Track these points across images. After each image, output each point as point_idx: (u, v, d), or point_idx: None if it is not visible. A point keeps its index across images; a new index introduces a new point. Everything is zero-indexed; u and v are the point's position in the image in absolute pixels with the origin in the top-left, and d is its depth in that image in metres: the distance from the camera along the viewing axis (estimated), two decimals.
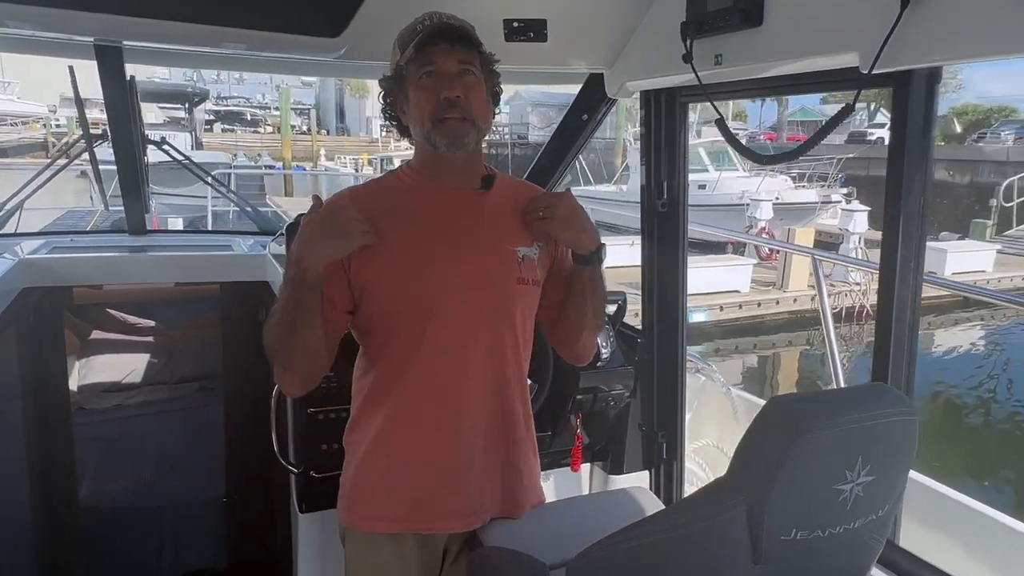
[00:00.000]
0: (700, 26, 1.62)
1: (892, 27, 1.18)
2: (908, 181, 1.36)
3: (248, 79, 49.89)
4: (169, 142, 2.76)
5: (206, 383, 3.00)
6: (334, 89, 49.80)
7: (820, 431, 0.91)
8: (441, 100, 1.30)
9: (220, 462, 2.81)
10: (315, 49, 1.98)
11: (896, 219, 1.39)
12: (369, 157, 29.15)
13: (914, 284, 1.42)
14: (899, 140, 1.36)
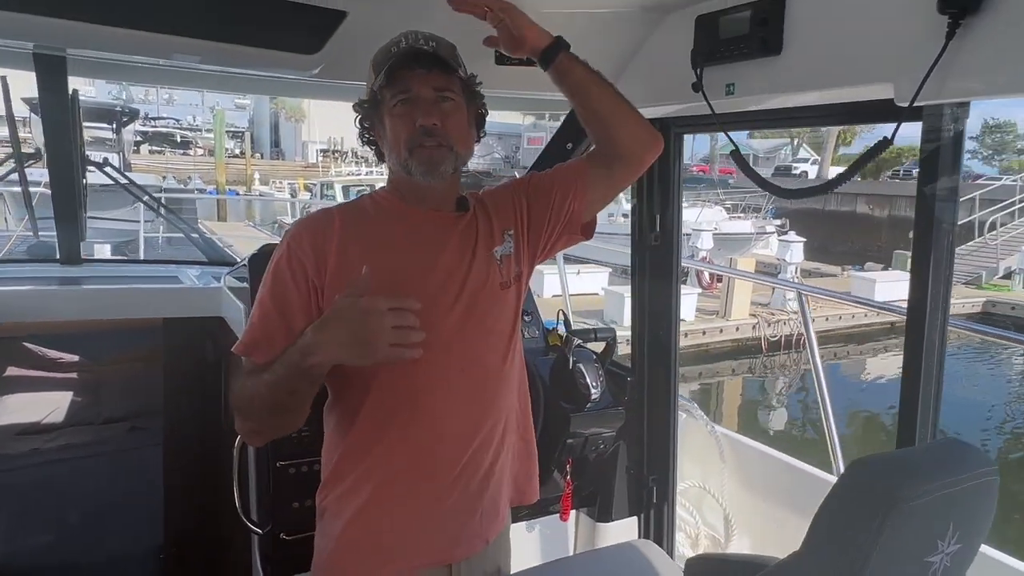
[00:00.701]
0: (711, 54, 1.55)
1: (936, 59, 1.13)
2: (939, 218, 1.31)
3: (178, 99, 48.46)
4: (112, 163, 2.52)
5: (136, 423, 2.72)
6: (269, 112, 48.93)
7: (916, 499, 0.82)
8: (417, 127, 1.25)
9: (157, 511, 2.55)
10: (290, 66, 1.82)
11: (927, 258, 1.33)
12: (306, 182, 28.58)
13: (942, 323, 1.36)
14: (930, 176, 1.31)
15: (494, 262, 1.34)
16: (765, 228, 16.01)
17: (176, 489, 2.51)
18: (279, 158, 47.05)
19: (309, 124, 45.36)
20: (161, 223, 10.95)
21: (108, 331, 2.64)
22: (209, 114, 45.21)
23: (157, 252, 10.72)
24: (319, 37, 1.73)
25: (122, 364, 2.78)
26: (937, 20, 1.12)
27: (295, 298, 1.24)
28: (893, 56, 1.22)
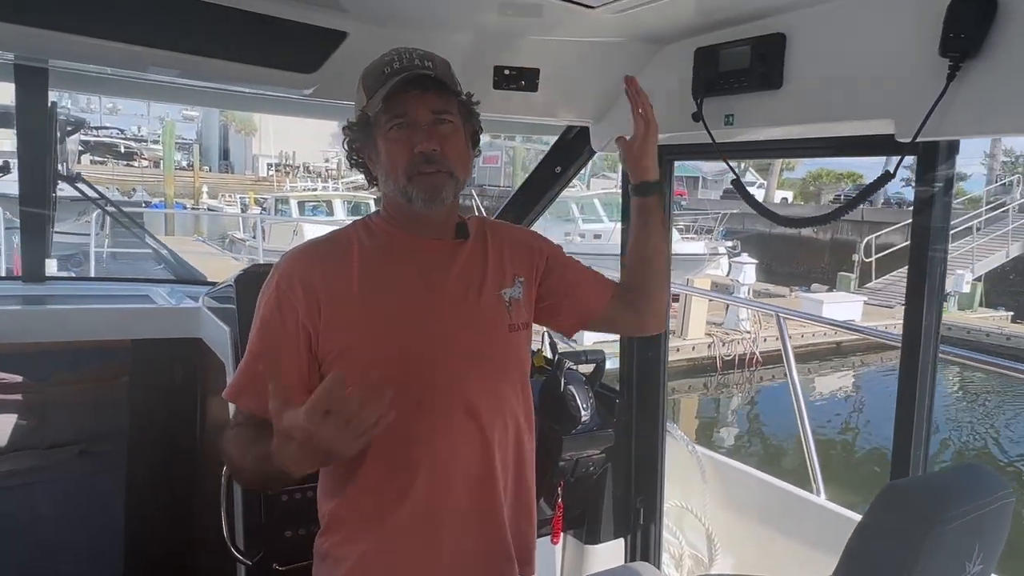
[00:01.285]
0: (711, 86, 1.60)
1: (938, 98, 1.19)
2: (933, 248, 1.37)
3: (123, 109, 47.07)
4: (84, 178, 2.43)
5: (87, 447, 2.58)
6: (218, 125, 47.94)
7: (949, 523, 0.85)
8: (416, 154, 1.17)
9: (115, 541, 2.42)
10: (285, 84, 1.80)
11: (922, 288, 1.39)
12: (256, 196, 28.01)
13: (934, 351, 1.42)
14: (925, 208, 1.37)
15: (503, 302, 1.28)
16: (717, 249, 16.41)
17: (139, 517, 2.39)
18: (228, 171, 46.02)
19: (260, 137, 44.58)
20: (106, 238, 10.55)
21: (59, 351, 2.52)
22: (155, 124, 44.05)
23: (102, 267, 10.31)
24: (317, 57, 1.72)
25: (71, 386, 2.64)
26: (938, 61, 1.18)
27: (285, 344, 1.17)
28: (894, 94, 1.28)
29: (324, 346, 1.17)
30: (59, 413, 2.54)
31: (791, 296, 14.97)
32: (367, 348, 1.17)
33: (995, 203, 20.71)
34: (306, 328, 1.17)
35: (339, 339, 1.17)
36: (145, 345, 2.33)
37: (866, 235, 18.41)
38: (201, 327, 2.19)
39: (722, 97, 1.59)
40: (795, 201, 32.92)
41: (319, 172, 42.10)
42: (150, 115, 47.09)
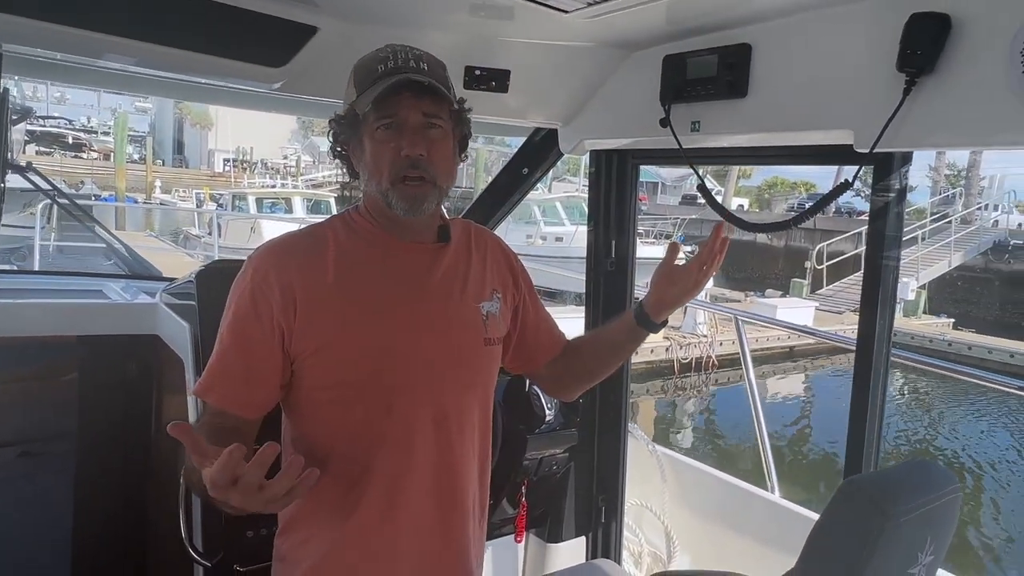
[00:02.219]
0: (678, 93, 1.63)
1: (894, 111, 1.24)
2: (888, 255, 1.43)
3: (71, 99, 45.52)
4: (35, 168, 2.34)
5: (29, 448, 2.48)
6: (172, 117, 46.74)
7: (904, 516, 0.89)
8: (402, 157, 1.14)
9: (62, 544, 2.33)
10: (251, 78, 1.77)
11: (875, 293, 1.45)
12: (213, 192, 27.38)
13: (886, 355, 1.48)
14: (880, 215, 1.43)
15: (480, 315, 1.26)
16: None
17: (89, 522, 2.30)
18: (183, 166, 44.91)
19: (216, 132, 43.62)
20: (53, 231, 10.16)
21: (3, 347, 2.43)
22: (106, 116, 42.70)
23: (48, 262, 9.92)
24: (286, 51, 1.69)
25: (13, 383, 2.54)
26: (896, 76, 1.24)
27: (258, 340, 1.15)
28: (854, 105, 1.34)
29: (297, 345, 1.15)
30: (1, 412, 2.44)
31: (746, 300, 15.30)
32: (340, 349, 1.15)
33: (939, 214, 21.56)
34: (280, 326, 1.14)
35: (313, 338, 1.15)
36: (96, 342, 2.25)
37: (818, 243, 18.96)
38: (158, 324, 2.14)
39: (689, 104, 1.62)
40: (751, 208, 33.69)
41: (278, 169, 41.35)
42: (100, 106, 45.64)
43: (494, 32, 1.78)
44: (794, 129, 1.46)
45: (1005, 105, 1.14)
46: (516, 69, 1.83)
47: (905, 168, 1.42)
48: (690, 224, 20.49)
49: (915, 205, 24.71)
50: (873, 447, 1.50)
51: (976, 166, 25.79)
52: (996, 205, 24.75)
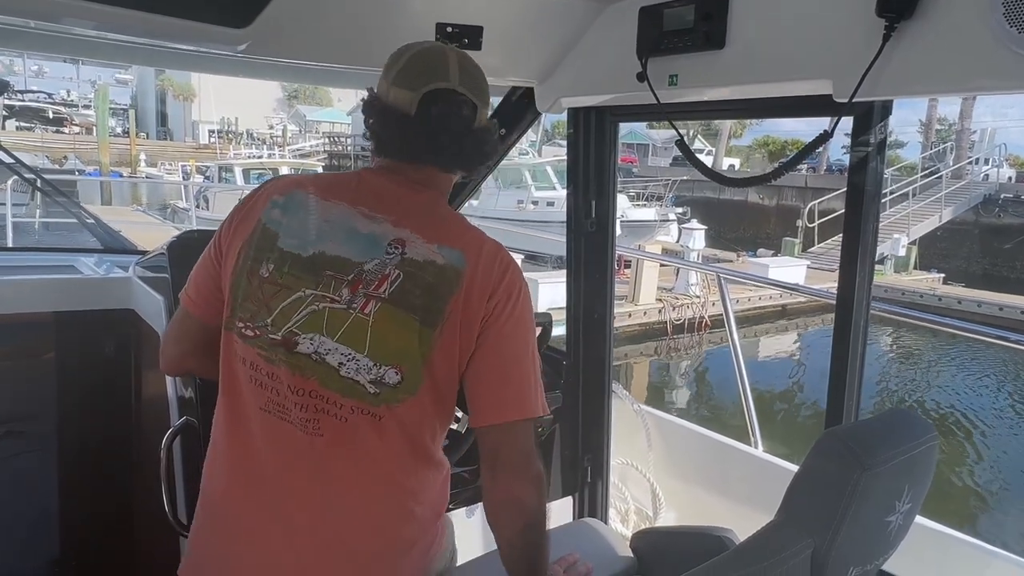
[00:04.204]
0: (655, 46, 1.59)
1: (874, 58, 1.21)
2: (867, 208, 1.41)
3: (49, 72, 44.57)
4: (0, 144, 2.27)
5: (11, 427, 2.47)
6: (154, 89, 45.91)
7: (881, 466, 0.89)
8: None
9: (49, 522, 2.33)
10: (215, 40, 1.70)
11: (855, 245, 1.43)
12: (199, 164, 27.05)
13: (866, 308, 1.47)
14: (860, 168, 1.40)
15: None
16: (668, 216, 16.64)
17: (74, 496, 2.29)
18: (167, 138, 44.26)
19: (200, 103, 42.91)
20: (37, 207, 10.03)
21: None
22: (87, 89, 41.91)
23: (34, 239, 9.82)
24: (249, 11, 1.63)
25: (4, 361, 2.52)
26: (875, 22, 1.20)
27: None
28: (832, 54, 1.30)
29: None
30: None
31: (739, 260, 15.33)
32: None
33: (930, 169, 21.53)
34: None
35: None
36: (71, 317, 2.21)
37: (809, 201, 18.94)
38: (133, 298, 2.10)
39: (666, 57, 1.58)
40: (742, 167, 33.51)
41: (264, 139, 40.82)
42: (80, 79, 44.70)
43: None
44: (773, 80, 1.42)
45: (986, 49, 1.10)
46: (489, 25, 1.77)
47: (885, 119, 1.39)
48: (681, 186, 20.42)
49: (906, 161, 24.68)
50: (854, 400, 1.50)
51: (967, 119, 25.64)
52: (987, 159, 24.70)
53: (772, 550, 0.90)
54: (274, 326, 1.09)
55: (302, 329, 1.08)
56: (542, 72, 1.94)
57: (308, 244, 1.11)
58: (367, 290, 1.08)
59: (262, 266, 1.11)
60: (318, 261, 1.10)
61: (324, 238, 1.11)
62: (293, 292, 1.09)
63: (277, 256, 1.11)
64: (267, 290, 1.10)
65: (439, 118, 1.14)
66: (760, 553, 0.89)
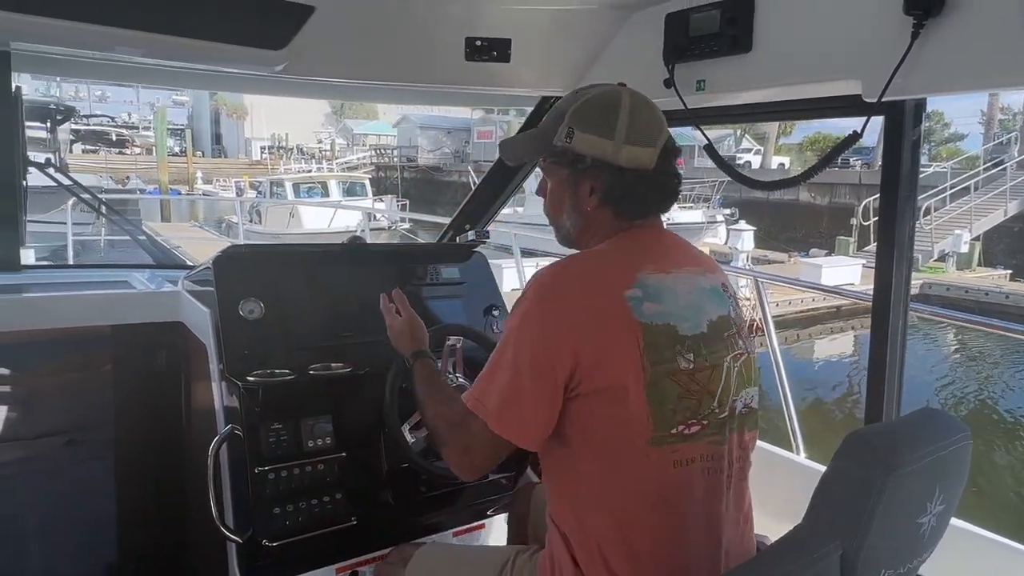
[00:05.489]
0: (682, 52, 1.59)
1: (902, 57, 1.19)
2: (902, 208, 1.38)
3: (112, 96, 46.64)
4: (55, 164, 2.41)
5: (74, 436, 2.59)
6: (209, 109, 47.58)
7: (908, 466, 0.88)
8: None
9: (107, 528, 2.43)
10: (254, 62, 1.79)
11: (891, 245, 1.40)
12: (252, 180, 27.89)
13: (904, 307, 1.43)
14: (893, 168, 1.37)
15: None
16: (715, 217, 16.38)
17: (131, 504, 2.39)
18: (221, 156, 45.79)
19: (252, 120, 44.29)
20: (103, 226, 10.52)
21: (46, 340, 2.54)
22: (146, 111, 43.70)
23: (99, 256, 10.28)
24: (285, 32, 1.70)
25: (57, 375, 2.64)
26: (903, 20, 1.18)
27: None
28: (860, 54, 1.28)
29: None
30: (46, 403, 2.54)
31: (790, 261, 14.98)
32: None
33: (994, 161, 20.60)
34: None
35: None
36: (125, 331, 2.31)
37: (864, 198, 18.34)
38: (181, 311, 2.19)
39: (693, 63, 1.58)
40: (792, 166, 32.73)
41: (313, 153, 41.85)
42: (140, 101, 46.65)
43: (494, 0, 1.75)
44: (800, 82, 1.41)
45: (1018, 43, 1.07)
46: (518, 37, 1.81)
47: (919, 116, 1.36)
48: (729, 186, 20.06)
49: (967, 153, 23.66)
50: (893, 402, 1.46)
51: None
52: None
53: (799, 553, 0.89)
54: (720, 405, 1.13)
55: (736, 391, 1.16)
56: (571, 81, 1.96)
57: (699, 319, 1.13)
58: (743, 332, 1.21)
59: (679, 361, 1.09)
60: (715, 328, 1.14)
61: (700, 307, 1.15)
62: (721, 366, 1.14)
63: (689, 343, 1.11)
64: (701, 378, 1.11)
65: (674, 165, 1.21)
66: (787, 556, 0.89)
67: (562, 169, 1.22)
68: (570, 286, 1.13)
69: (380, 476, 1.80)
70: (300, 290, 1.98)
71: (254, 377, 1.69)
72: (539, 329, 1.09)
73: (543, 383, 1.08)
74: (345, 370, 1.81)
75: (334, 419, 1.76)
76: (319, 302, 1.99)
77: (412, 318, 1.57)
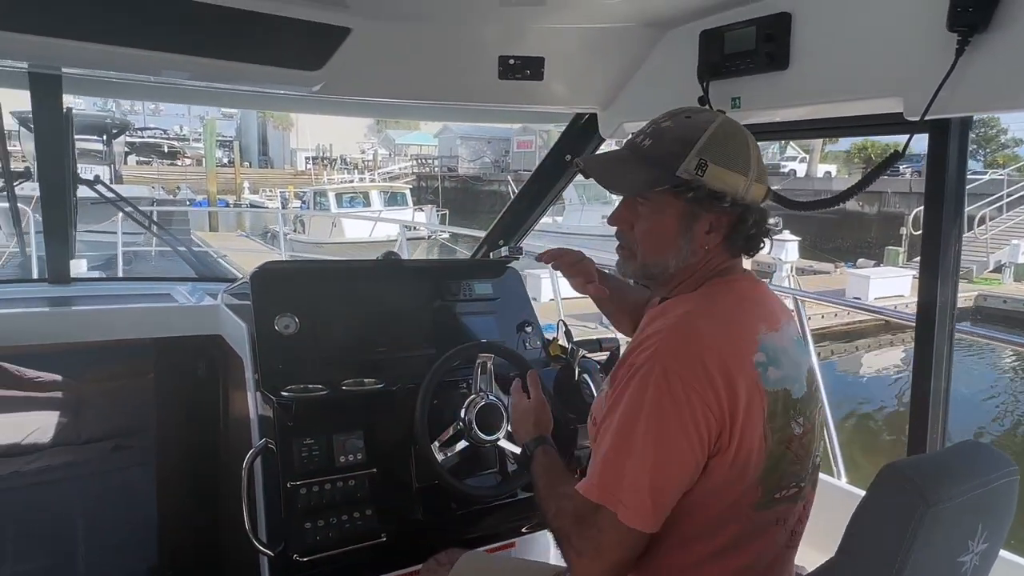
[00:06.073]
0: (716, 69, 1.56)
1: (946, 74, 1.15)
2: (947, 226, 1.33)
3: (164, 110, 48.29)
4: (103, 180, 2.50)
5: (119, 442, 2.67)
6: (256, 121, 48.85)
7: (948, 502, 0.84)
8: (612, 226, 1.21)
9: (149, 533, 2.50)
10: (291, 83, 1.82)
11: (935, 266, 1.35)
12: (296, 190, 28.50)
13: (950, 327, 1.38)
14: (937, 186, 1.33)
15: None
16: None
17: (170, 511, 2.45)
18: (268, 166, 46.91)
19: (297, 132, 45.31)
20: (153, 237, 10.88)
21: (94, 349, 2.62)
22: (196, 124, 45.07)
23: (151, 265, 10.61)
24: (322, 54, 1.73)
25: (105, 383, 2.73)
26: (946, 36, 1.14)
27: None
28: (902, 71, 1.24)
29: None
30: (92, 410, 2.63)
31: (836, 272, 14.59)
32: None
33: None
34: None
35: None
36: (167, 343, 2.38)
37: (914, 207, 17.77)
38: (220, 324, 2.24)
39: (728, 80, 1.56)
40: (839, 175, 31.95)
41: (356, 164, 42.57)
42: (190, 114, 48.16)
43: (526, 19, 1.76)
44: (839, 100, 1.37)
45: None
46: (551, 56, 1.81)
47: (964, 134, 1.31)
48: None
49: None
50: (939, 431, 1.40)
51: None
52: None
53: None
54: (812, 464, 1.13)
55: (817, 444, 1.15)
56: (605, 98, 1.95)
57: (801, 377, 1.10)
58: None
59: (793, 427, 1.06)
60: (810, 383, 1.12)
61: (799, 363, 1.11)
62: (816, 423, 1.13)
63: (799, 407, 1.08)
64: (806, 441, 1.09)
65: None
66: None
67: (677, 201, 1.09)
68: (705, 358, 1.00)
69: (410, 492, 1.80)
70: (334, 305, 2.00)
71: (288, 392, 1.71)
72: (673, 408, 0.98)
73: (683, 468, 0.99)
74: (377, 386, 1.82)
75: (365, 435, 1.77)
76: (353, 317, 2.02)
77: (540, 402, 1.49)
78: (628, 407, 1.01)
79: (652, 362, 1.01)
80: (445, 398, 1.88)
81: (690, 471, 1.00)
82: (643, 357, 1.03)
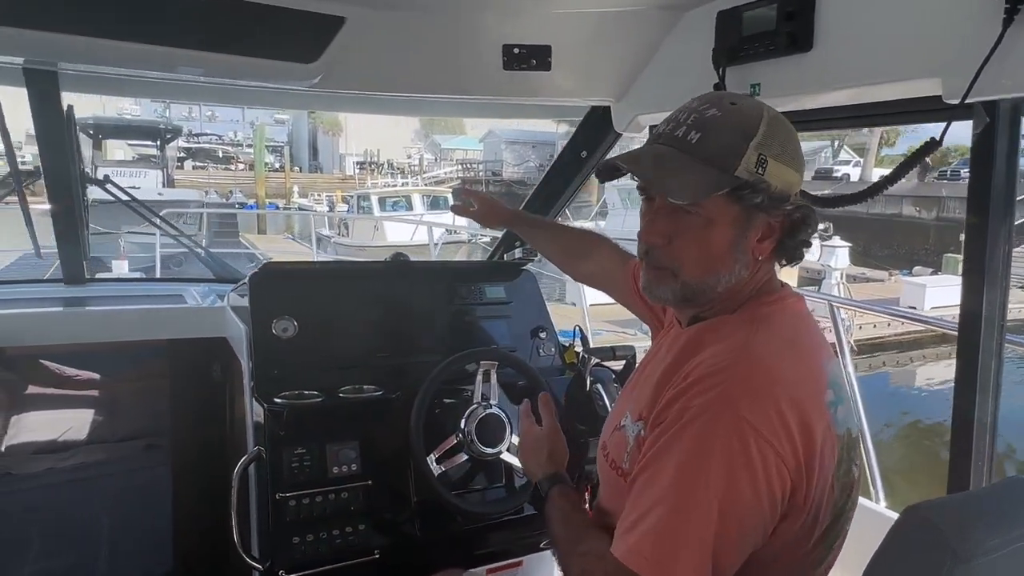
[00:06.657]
0: (734, 53, 1.43)
1: (990, 52, 0.99)
2: (995, 225, 1.16)
3: (220, 116, 49.80)
4: (113, 180, 2.48)
5: (152, 440, 2.67)
6: (307, 127, 49.96)
7: (984, 556, 0.69)
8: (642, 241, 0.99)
9: (166, 534, 2.48)
10: (289, 76, 1.76)
11: (980, 274, 1.19)
12: (343, 194, 29.01)
13: (998, 341, 1.21)
14: (983, 179, 1.17)
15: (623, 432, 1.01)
16: None
17: (185, 512, 2.44)
18: (317, 171, 47.89)
19: (346, 137, 46.18)
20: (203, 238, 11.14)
21: (106, 352, 2.63)
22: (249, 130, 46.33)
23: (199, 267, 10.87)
24: (317, 45, 1.67)
25: (134, 382, 2.75)
26: (991, 10, 1.00)
27: None
28: (941, 49, 1.09)
29: None
30: (126, 409, 2.65)
31: (890, 280, 14.01)
32: None
33: None
34: None
35: None
36: (179, 344, 2.37)
37: None
38: (225, 326, 2.20)
39: (747, 65, 1.42)
40: None
41: (402, 168, 43.11)
42: (244, 120, 49.53)
43: (530, 5, 1.65)
44: (869, 83, 1.22)
45: None
46: (557, 44, 1.70)
47: (1016, 119, 1.14)
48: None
49: None
50: (984, 462, 1.23)
51: None
52: None
53: None
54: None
55: None
56: (618, 89, 1.82)
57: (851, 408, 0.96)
58: None
59: (853, 471, 0.95)
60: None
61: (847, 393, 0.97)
62: None
63: (857, 447, 0.96)
64: (859, 483, 1.00)
65: None
66: None
67: (732, 206, 0.91)
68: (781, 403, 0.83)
69: (408, 507, 1.71)
70: (338, 308, 1.93)
71: (281, 399, 1.64)
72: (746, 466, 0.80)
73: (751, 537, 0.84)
74: (376, 393, 1.74)
75: (361, 444, 1.68)
76: (357, 321, 1.94)
77: (553, 430, 1.28)
78: (687, 462, 0.82)
79: (718, 408, 0.83)
80: (448, 407, 1.79)
81: (757, 540, 0.84)
82: (702, 401, 0.84)
